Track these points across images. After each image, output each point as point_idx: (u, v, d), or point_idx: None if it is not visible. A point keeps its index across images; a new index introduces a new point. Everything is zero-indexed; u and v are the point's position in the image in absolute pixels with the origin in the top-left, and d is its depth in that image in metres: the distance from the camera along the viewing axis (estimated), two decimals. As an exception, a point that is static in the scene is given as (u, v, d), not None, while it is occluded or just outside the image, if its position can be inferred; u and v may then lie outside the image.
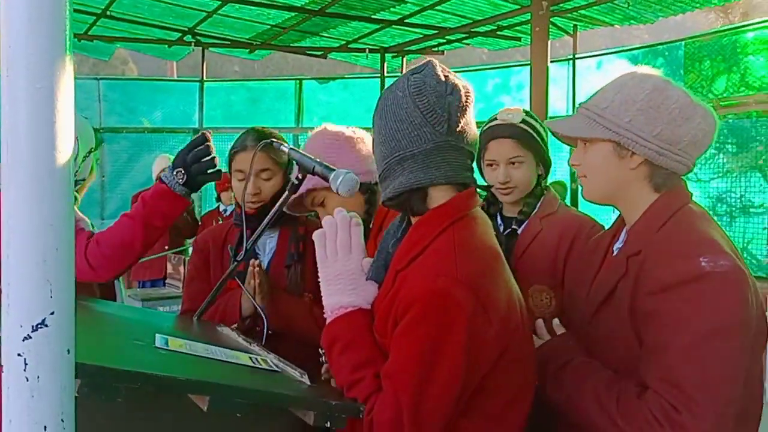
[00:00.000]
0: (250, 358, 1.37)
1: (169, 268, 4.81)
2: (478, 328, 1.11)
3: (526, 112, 1.83)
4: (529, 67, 5.38)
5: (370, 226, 1.75)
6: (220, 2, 6.05)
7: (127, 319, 1.68)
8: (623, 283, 1.30)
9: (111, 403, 0.96)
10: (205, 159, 1.72)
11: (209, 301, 1.77)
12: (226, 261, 1.91)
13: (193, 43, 7.43)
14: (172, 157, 6.20)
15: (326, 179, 1.57)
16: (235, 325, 1.76)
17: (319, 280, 1.32)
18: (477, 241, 1.20)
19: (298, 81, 8.36)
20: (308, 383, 1.27)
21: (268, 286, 1.77)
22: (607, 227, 1.54)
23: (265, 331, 1.74)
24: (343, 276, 1.28)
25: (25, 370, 0.69)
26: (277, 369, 1.33)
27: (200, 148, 1.73)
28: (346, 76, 8.38)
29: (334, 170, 1.56)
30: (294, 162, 1.65)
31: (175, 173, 1.73)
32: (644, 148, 1.29)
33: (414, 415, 1.10)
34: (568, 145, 1.50)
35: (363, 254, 1.30)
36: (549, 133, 1.60)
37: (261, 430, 1.21)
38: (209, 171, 1.73)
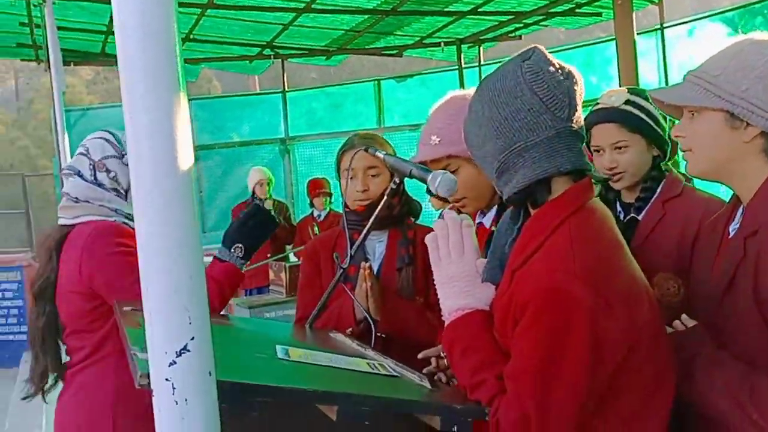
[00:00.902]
0: (368, 364, 1.39)
1: (271, 275, 4.96)
2: (601, 324, 1.07)
3: (632, 91, 1.73)
4: (613, 42, 5.17)
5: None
6: (294, 14, 6.18)
7: (245, 331, 1.74)
8: (743, 267, 1.21)
9: (246, 417, 0.99)
10: (260, 231, 1.87)
11: (320, 307, 1.81)
12: (336, 267, 1.94)
13: (272, 56, 7.63)
14: (265, 169, 6.32)
15: (424, 181, 1.57)
16: (350, 329, 1.79)
17: (435, 284, 1.31)
18: (595, 232, 1.16)
19: (376, 82, 8.42)
20: (429, 387, 1.27)
21: (379, 289, 1.79)
22: None
23: (373, 335, 1.76)
24: (457, 278, 1.27)
25: (173, 393, 0.72)
26: (396, 374, 1.34)
27: (255, 220, 1.86)
28: (423, 71, 8.36)
29: (431, 172, 1.55)
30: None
31: (233, 249, 1.83)
32: (762, 119, 1.20)
33: (540, 417, 1.08)
34: (672, 116, 1.42)
35: (476, 255, 1.28)
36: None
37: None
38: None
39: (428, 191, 1.60)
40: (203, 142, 8.53)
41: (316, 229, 5.45)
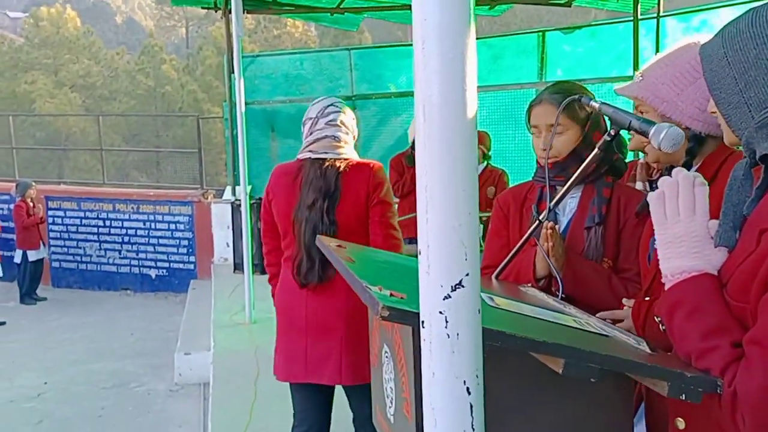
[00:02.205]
0: (574, 320, 1.35)
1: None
2: None
3: None
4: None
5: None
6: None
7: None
8: None
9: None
10: None
11: (509, 259, 1.79)
12: (525, 220, 1.91)
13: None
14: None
15: (645, 134, 1.47)
16: (530, 284, 1.75)
17: (656, 244, 1.24)
18: None
19: (540, 33, 8.06)
20: (648, 350, 1.21)
21: (562, 248, 1.73)
22: None
23: (560, 294, 1.71)
24: (686, 239, 1.18)
25: (446, 327, 0.73)
26: (607, 333, 1.29)
27: None
28: (593, 23, 7.88)
29: (655, 124, 1.45)
30: (604, 117, 1.58)
31: None
32: None
33: None
34: None
35: (707, 217, 1.19)
36: None
37: (601, 397, 1.20)
38: None
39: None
40: (361, 91, 8.71)
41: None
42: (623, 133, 1.63)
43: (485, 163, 5.64)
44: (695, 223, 1.19)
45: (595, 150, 1.56)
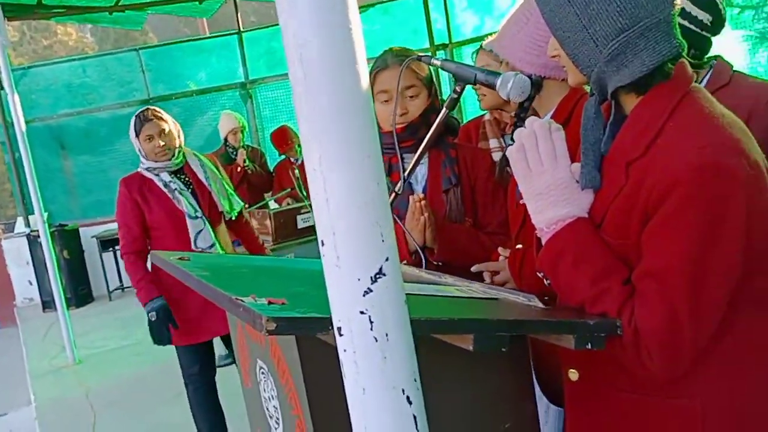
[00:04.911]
0: (458, 290, 1.27)
1: (255, 224, 4.77)
2: (754, 199, 0.99)
3: None
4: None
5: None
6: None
7: (303, 269, 1.60)
8: None
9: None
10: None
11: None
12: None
13: (225, -6, 7.18)
14: (237, 114, 6.04)
15: (492, 86, 1.43)
16: (405, 261, 1.67)
17: (522, 199, 1.19)
18: (719, 107, 1.06)
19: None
20: (542, 306, 1.16)
21: (435, 219, 1.66)
22: None
23: (424, 265, 1.66)
24: (554, 187, 1.15)
25: (371, 329, 0.58)
26: (495, 296, 1.22)
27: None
28: (384, 0, 8.03)
29: (500, 74, 1.41)
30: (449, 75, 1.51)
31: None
32: None
33: (694, 313, 0.99)
34: None
35: (569, 161, 1.16)
36: None
37: (505, 362, 1.13)
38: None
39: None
40: (158, 93, 8.10)
41: (296, 172, 5.23)
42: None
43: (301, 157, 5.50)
44: (560, 169, 1.16)
45: (443, 109, 1.49)
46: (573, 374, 1.22)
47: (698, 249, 0.98)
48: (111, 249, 7.19)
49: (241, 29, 8.00)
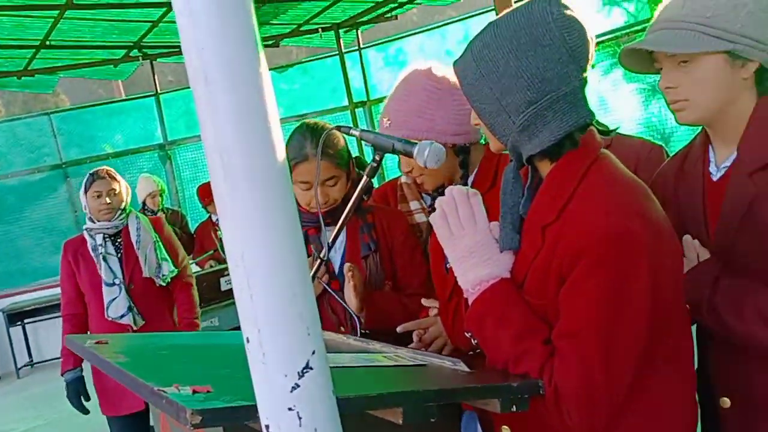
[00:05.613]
0: (386, 357, 1.28)
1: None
2: (658, 261, 1.05)
3: None
4: (494, 12, 5.29)
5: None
6: (164, 9, 5.78)
7: (223, 346, 1.56)
8: (759, 203, 1.23)
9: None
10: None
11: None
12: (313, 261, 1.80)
13: (140, 57, 7.11)
14: (155, 177, 5.90)
15: (410, 155, 1.47)
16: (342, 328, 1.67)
17: (448, 263, 1.23)
18: (623, 173, 1.14)
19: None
20: (468, 370, 1.18)
21: (364, 286, 1.67)
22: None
23: (358, 332, 1.66)
24: (475, 248, 1.19)
25: (300, 425, 0.58)
26: (423, 362, 1.24)
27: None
28: (303, 60, 8.17)
29: (416, 144, 1.46)
30: (361, 152, 1.55)
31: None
32: (763, 53, 1.21)
33: (607, 371, 1.03)
34: (636, 72, 1.41)
35: (488, 223, 1.22)
36: None
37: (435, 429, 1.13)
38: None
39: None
40: (72, 157, 7.83)
41: (219, 233, 5.15)
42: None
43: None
44: (479, 231, 1.20)
45: (364, 178, 1.52)
46: (505, 430, 1.25)
47: (607, 312, 1.03)
48: (20, 323, 6.78)
49: (158, 90, 7.91)
